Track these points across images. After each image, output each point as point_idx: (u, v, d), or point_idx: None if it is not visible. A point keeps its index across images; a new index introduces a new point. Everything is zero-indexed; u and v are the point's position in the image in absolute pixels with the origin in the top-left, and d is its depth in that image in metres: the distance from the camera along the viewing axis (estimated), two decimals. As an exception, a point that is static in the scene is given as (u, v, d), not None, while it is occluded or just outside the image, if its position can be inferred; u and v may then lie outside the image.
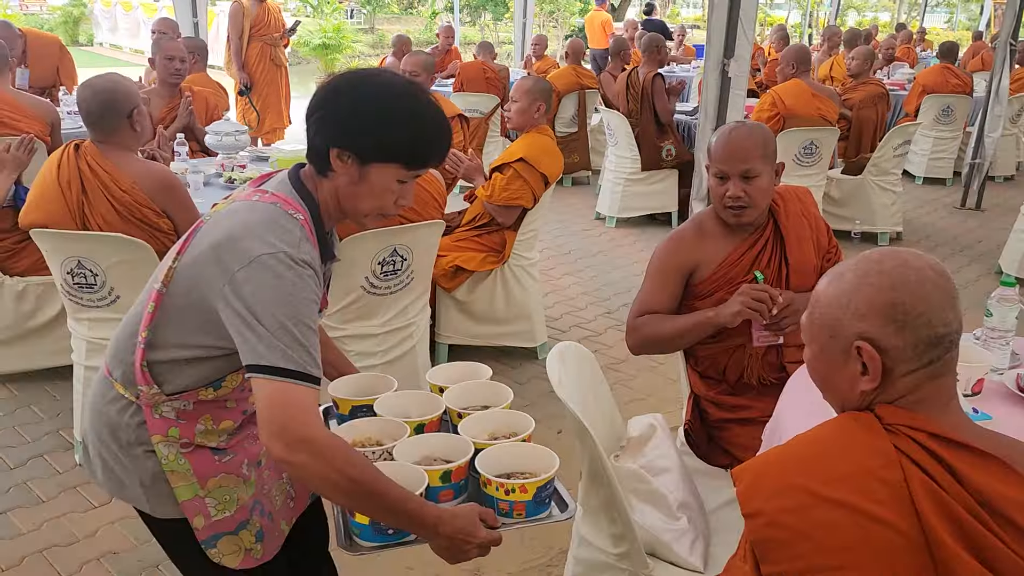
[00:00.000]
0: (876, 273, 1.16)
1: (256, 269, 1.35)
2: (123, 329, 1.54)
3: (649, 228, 6.31)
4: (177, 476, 1.51)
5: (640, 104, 6.08)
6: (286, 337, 1.34)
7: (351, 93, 1.47)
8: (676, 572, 1.86)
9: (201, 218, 1.50)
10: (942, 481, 1.06)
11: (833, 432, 1.16)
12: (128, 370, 1.50)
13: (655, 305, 2.31)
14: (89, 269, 2.78)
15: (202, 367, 1.49)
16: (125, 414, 1.52)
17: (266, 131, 7.21)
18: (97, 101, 2.81)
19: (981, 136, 6.81)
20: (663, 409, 3.56)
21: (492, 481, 1.52)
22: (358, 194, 1.50)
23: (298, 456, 1.30)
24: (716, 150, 2.27)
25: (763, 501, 1.11)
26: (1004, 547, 1.02)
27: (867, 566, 1.04)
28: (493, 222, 3.81)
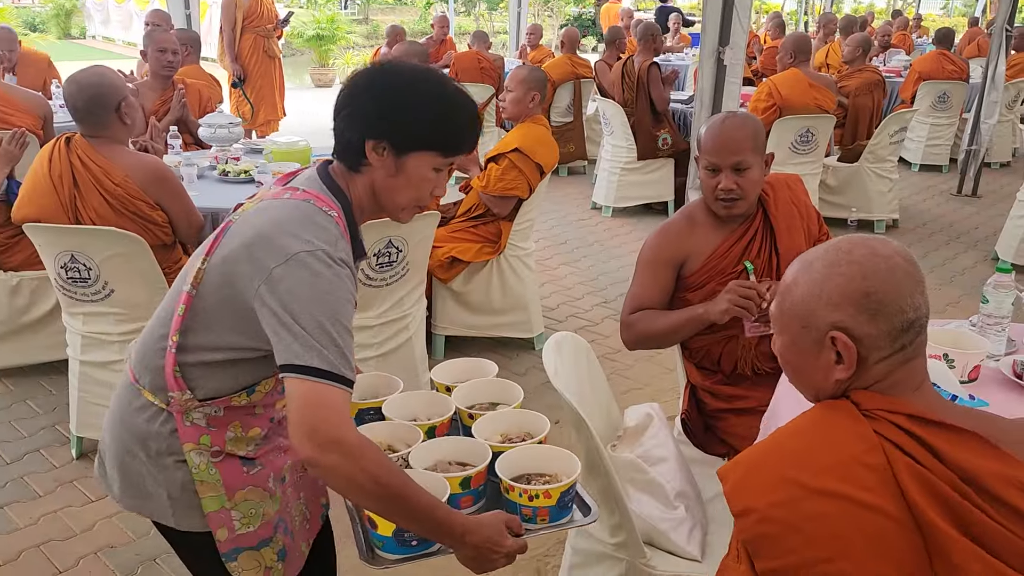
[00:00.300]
0: (847, 263, 1.16)
1: (294, 267, 1.33)
2: (149, 334, 1.50)
3: (646, 217, 6.30)
4: (206, 487, 1.48)
5: (636, 93, 6.06)
6: (323, 337, 1.31)
7: (382, 83, 1.45)
8: (674, 561, 1.86)
9: (229, 218, 1.47)
10: (924, 461, 1.06)
11: (813, 423, 1.16)
12: (158, 376, 1.47)
13: (647, 300, 2.31)
14: (83, 263, 2.77)
15: (236, 370, 1.46)
16: (155, 422, 1.48)
17: (260, 123, 7.18)
18: (84, 96, 2.78)
19: (977, 122, 6.80)
20: (660, 398, 3.57)
21: (515, 487, 1.49)
22: (395, 186, 1.47)
23: (328, 457, 1.28)
24: (707, 142, 2.25)
25: (752, 498, 1.11)
26: (990, 520, 1.03)
27: (860, 554, 1.04)
28: (489, 212, 3.80)
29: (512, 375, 3.80)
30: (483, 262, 3.79)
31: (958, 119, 7.63)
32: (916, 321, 1.14)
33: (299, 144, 4.05)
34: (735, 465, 1.16)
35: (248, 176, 3.68)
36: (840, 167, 5.96)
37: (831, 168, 5.94)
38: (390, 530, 1.41)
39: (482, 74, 7.28)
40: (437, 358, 3.87)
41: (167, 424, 1.47)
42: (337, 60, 14.96)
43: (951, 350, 1.95)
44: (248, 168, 3.74)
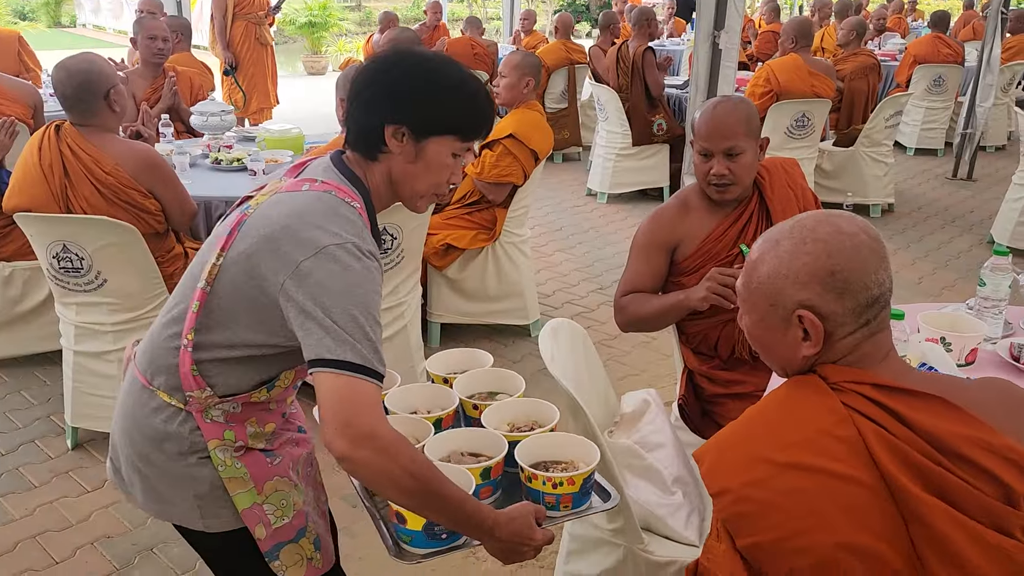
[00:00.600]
0: (812, 241, 1.18)
1: (323, 260, 1.30)
2: (159, 333, 1.47)
3: (641, 203, 6.29)
4: (236, 483, 1.46)
5: (630, 78, 6.03)
6: (356, 331, 1.28)
7: (399, 68, 1.43)
8: (671, 547, 1.86)
9: (240, 211, 1.44)
10: (892, 428, 1.09)
11: (782, 400, 1.19)
12: (172, 375, 1.44)
13: (639, 283, 2.31)
14: (75, 253, 2.75)
15: (254, 366, 1.44)
16: (174, 423, 1.45)
17: (253, 111, 7.13)
18: (73, 83, 2.75)
19: (972, 106, 6.78)
20: (657, 384, 3.56)
21: (538, 475, 1.48)
22: (415, 173, 1.45)
23: (361, 452, 1.25)
24: (699, 127, 2.25)
25: (726, 478, 1.13)
26: (958, 480, 1.07)
27: (837, 524, 1.07)
28: (483, 199, 3.78)
29: (508, 362, 3.79)
30: (478, 249, 3.77)
31: (953, 102, 7.62)
32: (880, 296, 1.17)
33: (292, 132, 4.02)
34: (709, 447, 1.19)
35: (241, 164, 3.66)
36: (836, 151, 5.95)
37: (827, 152, 5.93)
38: (420, 524, 1.39)
39: (475, 60, 7.23)
40: (433, 346, 3.86)
41: (187, 423, 1.45)
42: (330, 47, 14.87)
43: (948, 333, 1.94)
44: (241, 156, 3.71)
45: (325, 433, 1.27)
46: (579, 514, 1.53)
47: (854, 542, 1.06)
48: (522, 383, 1.78)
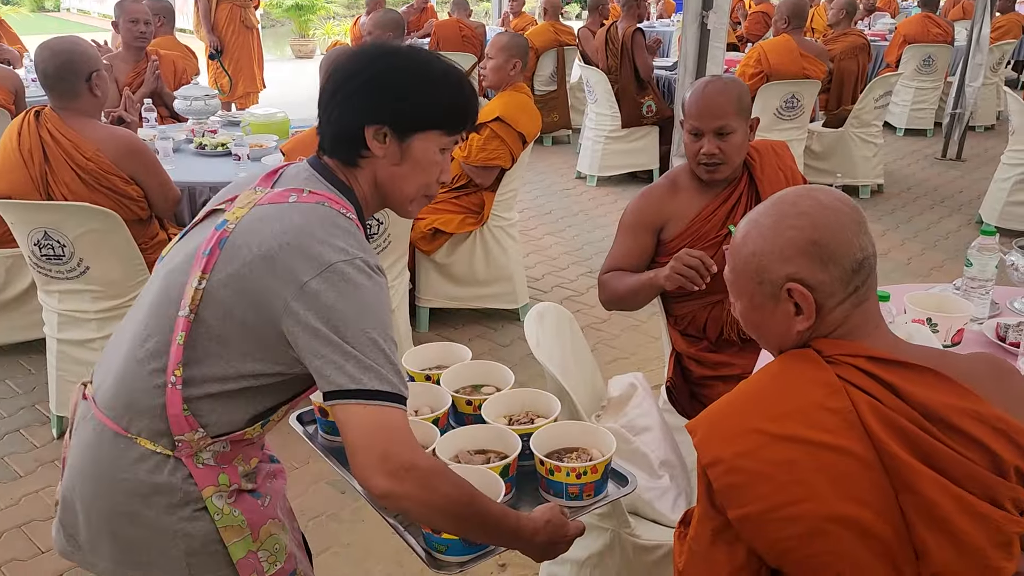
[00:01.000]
0: (794, 215, 1.19)
1: (332, 278, 1.20)
2: (133, 371, 1.31)
3: (631, 186, 6.26)
4: (232, 531, 1.33)
5: (620, 60, 5.99)
6: (377, 355, 1.20)
7: (374, 65, 1.33)
8: (659, 530, 1.85)
9: (220, 228, 1.29)
10: (885, 400, 1.11)
11: (777, 372, 1.20)
12: (157, 419, 1.29)
13: (623, 262, 2.31)
14: (56, 240, 2.72)
15: (251, 399, 1.32)
16: (162, 473, 1.30)
17: (239, 96, 7.06)
18: (55, 63, 2.72)
19: (962, 85, 6.77)
20: (646, 367, 3.56)
21: (562, 467, 1.46)
22: (402, 175, 1.36)
23: (403, 487, 1.18)
24: (690, 106, 2.24)
25: (719, 448, 1.14)
26: (949, 450, 1.08)
27: (826, 495, 1.08)
28: (471, 183, 3.75)
29: (497, 346, 3.79)
30: (466, 233, 3.75)
31: (943, 83, 7.60)
32: (865, 261, 1.18)
33: (277, 116, 3.98)
34: (703, 419, 1.20)
35: (225, 149, 3.62)
36: (825, 132, 5.93)
37: (816, 134, 5.92)
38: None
39: (463, 43, 7.18)
40: (421, 331, 3.84)
41: (177, 472, 1.31)
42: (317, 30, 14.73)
43: (935, 314, 1.94)
44: (225, 141, 3.67)
45: (361, 471, 1.19)
46: (604, 502, 1.53)
47: (843, 513, 1.08)
48: (510, 374, 1.76)
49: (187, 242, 1.37)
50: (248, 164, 3.39)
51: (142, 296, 1.40)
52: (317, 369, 1.21)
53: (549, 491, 1.50)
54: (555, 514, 1.37)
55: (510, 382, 1.75)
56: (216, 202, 1.41)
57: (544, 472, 1.49)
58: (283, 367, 1.29)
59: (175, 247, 1.40)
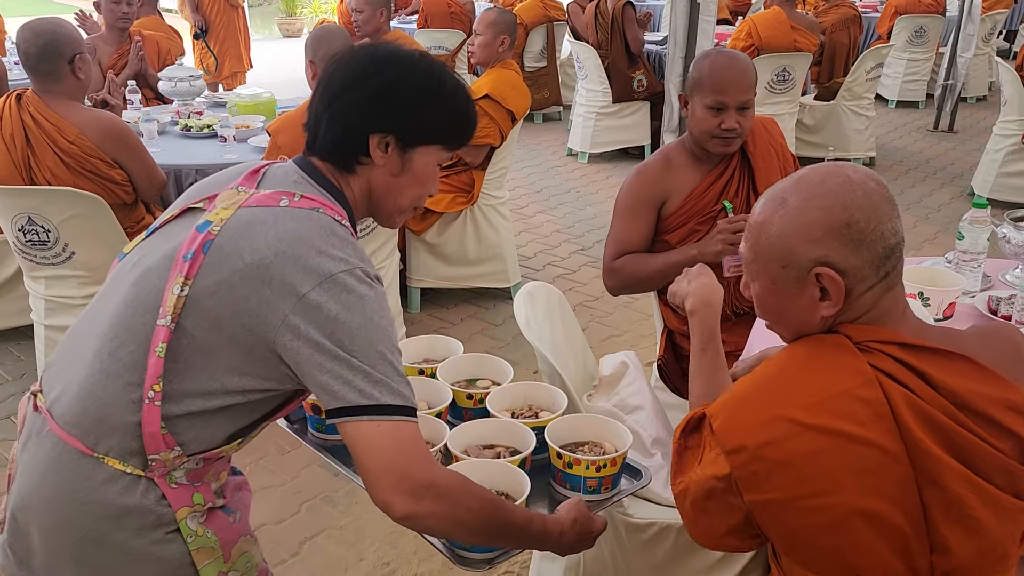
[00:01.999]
0: (822, 194, 1.12)
1: (334, 289, 1.15)
2: (104, 385, 1.21)
3: (622, 163, 6.23)
4: (204, 553, 1.27)
5: (610, 34, 5.93)
6: (386, 368, 1.15)
7: (385, 73, 1.27)
8: (651, 508, 1.85)
9: (203, 230, 1.21)
10: (918, 390, 1.06)
11: (805, 357, 1.14)
12: (129, 438, 1.20)
13: (630, 243, 2.27)
14: (40, 225, 2.69)
15: (234, 416, 1.24)
16: (133, 494, 1.21)
17: (226, 76, 6.99)
18: (38, 44, 2.68)
19: (954, 57, 6.73)
20: (639, 345, 3.56)
21: (582, 460, 1.45)
22: (399, 186, 1.31)
23: (424, 505, 1.15)
24: (714, 80, 2.18)
25: (743, 436, 1.09)
26: (981, 443, 1.05)
27: (851, 488, 1.05)
28: (460, 162, 3.72)
29: (490, 325, 3.77)
30: (456, 212, 3.72)
31: (935, 54, 7.56)
32: (896, 246, 1.12)
33: (263, 96, 3.93)
34: (725, 403, 1.15)
35: (211, 131, 3.58)
36: (817, 106, 5.90)
37: (808, 107, 5.89)
38: None
39: (452, 19, 7.10)
40: (412, 311, 3.83)
41: (150, 493, 1.22)
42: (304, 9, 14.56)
43: (926, 288, 1.93)
44: (211, 122, 3.63)
45: (378, 492, 1.15)
46: (617, 496, 1.52)
47: (866, 507, 1.05)
48: (507, 367, 1.74)
49: (162, 240, 1.27)
50: (234, 146, 3.36)
51: (103, 299, 1.28)
52: (323, 384, 1.15)
53: (566, 485, 1.48)
54: (581, 512, 1.35)
55: (508, 375, 1.72)
56: (191, 199, 1.32)
57: (561, 465, 1.47)
58: (273, 383, 1.22)
59: (144, 244, 1.30)
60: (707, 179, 2.27)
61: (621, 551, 1.83)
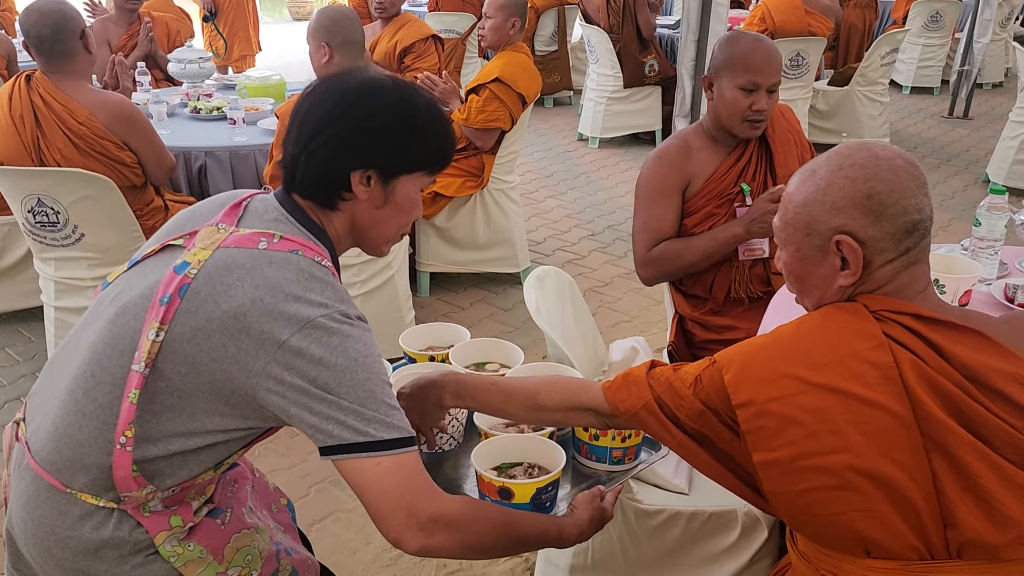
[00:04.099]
0: (848, 166, 1.16)
1: (314, 335, 1.13)
2: (77, 424, 1.20)
3: (633, 148, 6.19)
4: (193, 565, 1.27)
5: (621, 18, 5.88)
6: (379, 404, 1.15)
7: (357, 109, 1.24)
8: (660, 494, 1.84)
9: (180, 272, 1.18)
10: (928, 359, 1.08)
11: (819, 320, 1.17)
12: (100, 476, 1.20)
13: (664, 230, 2.25)
14: (50, 207, 2.68)
15: (214, 453, 1.23)
16: (106, 528, 1.22)
17: (236, 59, 6.96)
18: (48, 23, 2.66)
19: (970, 42, 6.65)
20: (649, 331, 3.54)
21: (608, 431, 1.46)
22: (383, 218, 1.30)
23: (436, 538, 1.15)
24: (750, 60, 2.16)
25: (752, 391, 1.12)
26: (991, 415, 1.05)
27: (859, 447, 1.06)
28: (471, 146, 3.70)
29: (499, 310, 3.76)
30: (466, 197, 3.70)
31: (950, 39, 7.47)
32: (920, 223, 1.14)
33: (272, 79, 3.91)
34: (734, 356, 1.17)
35: (220, 113, 3.56)
36: (831, 91, 5.84)
37: (821, 92, 5.83)
38: (528, 496, 1.34)
39: (463, 2, 7.04)
40: (421, 296, 3.82)
41: (124, 524, 1.23)
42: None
43: (942, 275, 1.90)
44: (221, 105, 3.62)
45: (389, 531, 1.15)
46: (640, 466, 1.54)
47: (874, 468, 1.06)
48: (517, 351, 1.74)
49: (139, 277, 1.25)
50: (244, 128, 3.34)
51: (83, 330, 1.27)
52: (314, 425, 1.14)
53: (591, 456, 1.49)
54: (595, 508, 1.36)
55: (518, 359, 1.72)
56: (171, 234, 1.29)
57: (587, 438, 1.49)
58: (256, 421, 1.21)
59: (124, 277, 1.29)
60: (726, 162, 2.26)
61: (630, 537, 1.83)
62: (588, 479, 1.50)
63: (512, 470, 1.43)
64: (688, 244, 2.24)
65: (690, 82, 3.91)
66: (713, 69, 2.24)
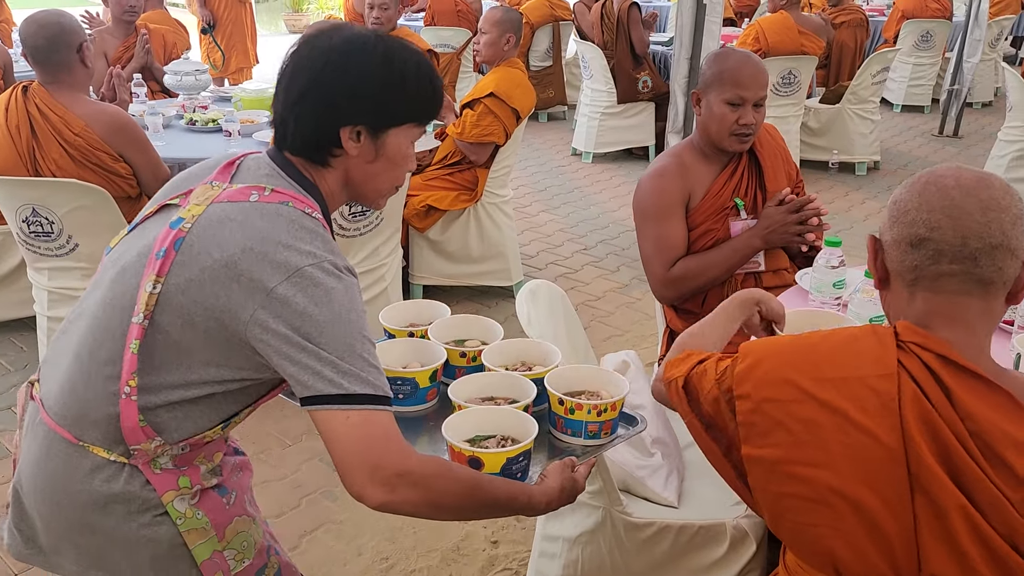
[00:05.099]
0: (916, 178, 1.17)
1: (300, 284, 1.16)
2: (87, 377, 1.24)
3: (627, 163, 6.23)
4: (195, 534, 1.29)
5: (615, 35, 5.93)
6: (356, 359, 1.16)
7: (344, 65, 1.26)
8: (650, 508, 1.85)
9: (176, 227, 1.22)
10: (936, 401, 1.05)
11: (845, 337, 1.15)
12: (111, 429, 1.24)
13: (676, 247, 2.27)
14: (45, 217, 2.69)
15: (215, 405, 1.27)
16: (117, 481, 1.25)
17: (233, 71, 6.99)
18: (45, 35, 2.68)
19: (960, 62, 6.72)
20: (641, 345, 3.56)
21: (584, 405, 1.47)
22: (376, 172, 1.32)
23: (400, 493, 1.16)
24: (736, 75, 2.20)
25: (753, 386, 1.13)
26: (984, 478, 1.01)
27: (842, 468, 1.06)
28: (465, 160, 3.72)
29: (491, 324, 3.77)
30: (460, 210, 3.73)
31: (941, 58, 7.55)
32: (928, 241, 1.08)
33: (268, 91, 3.93)
34: (753, 349, 1.18)
35: (216, 125, 3.58)
36: (822, 109, 5.89)
37: (813, 110, 5.88)
38: (499, 465, 1.35)
39: (459, 17, 7.10)
40: (415, 308, 3.82)
41: (134, 480, 1.26)
42: (311, 5, 14.57)
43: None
44: (216, 117, 3.63)
45: (352, 483, 1.15)
46: (620, 439, 1.54)
47: (853, 493, 1.05)
48: (497, 327, 1.76)
49: (138, 238, 1.29)
50: (239, 140, 3.36)
51: (90, 293, 1.31)
52: (292, 375, 1.17)
53: (567, 431, 1.50)
54: (566, 478, 1.36)
55: (498, 335, 1.74)
56: (168, 195, 1.32)
57: (563, 412, 1.49)
58: (249, 372, 1.24)
59: (124, 240, 1.32)
60: (721, 177, 2.29)
61: (620, 550, 1.84)
62: (563, 454, 1.49)
63: (485, 442, 1.43)
64: (709, 260, 2.25)
65: (683, 98, 3.95)
66: (701, 85, 2.27)
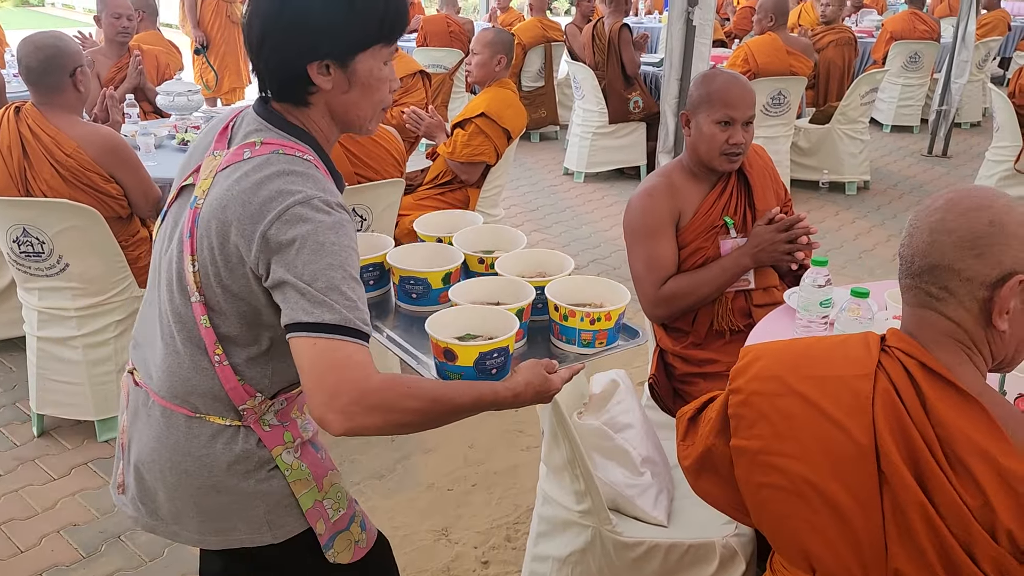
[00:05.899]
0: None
1: (287, 222, 1.22)
2: (176, 363, 1.36)
3: (618, 183, 6.26)
4: (300, 484, 1.41)
5: (606, 55, 5.98)
6: (331, 292, 1.21)
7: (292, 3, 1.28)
8: (640, 527, 1.85)
9: (195, 205, 1.31)
10: (909, 404, 1.09)
11: (838, 341, 1.21)
12: (218, 396, 1.36)
13: (667, 266, 2.28)
14: (35, 237, 2.69)
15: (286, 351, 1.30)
16: (237, 443, 1.37)
17: (225, 91, 7.03)
18: (39, 57, 2.69)
19: (948, 82, 6.79)
20: (631, 364, 3.55)
21: (577, 311, 1.48)
22: (354, 100, 1.35)
23: (358, 420, 1.19)
24: (724, 96, 2.22)
25: (745, 381, 1.20)
26: (947, 483, 1.04)
27: (816, 461, 1.11)
28: (456, 179, 3.74)
29: (483, 343, 3.77)
30: (451, 230, 3.73)
31: (929, 79, 7.63)
32: (900, 255, 1.18)
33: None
34: (753, 349, 1.24)
35: (208, 145, 3.59)
36: (812, 129, 5.94)
37: (802, 130, 5.93)
38: (471, 359, 1.36)
39: (451, 38, 7.15)
40: (407, 327, 3.83)
41: (250, 438, 1.38)
42: None
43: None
44: (208, 137, 3.64)
45: (314, 409, 1.20)
46: (613, 349, 1.55)
47: (825, 486, 1.10)
48: (523, 238, 1.83)
49: (171, 225, 1.39)
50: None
51: (155, 281, 1.42)
52: (282, 308, 1.24)
53: (562, 338, 1.51)
54: (535, 374, 1.39)
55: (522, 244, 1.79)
56: (183, 177, 1.41)
57: (558, 318, 1.51)
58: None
59: (161, 229, 1.42)
60: (710, 196, 2.31)
61: (610, 569, 1.83)
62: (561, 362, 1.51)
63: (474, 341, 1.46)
64: (700, 278, 2.26)
65: (673, 119, 3.98)
66: (690, 106, 2.29)
